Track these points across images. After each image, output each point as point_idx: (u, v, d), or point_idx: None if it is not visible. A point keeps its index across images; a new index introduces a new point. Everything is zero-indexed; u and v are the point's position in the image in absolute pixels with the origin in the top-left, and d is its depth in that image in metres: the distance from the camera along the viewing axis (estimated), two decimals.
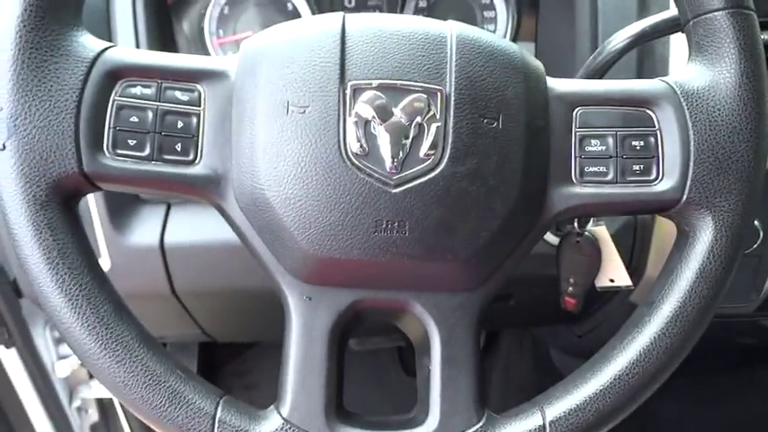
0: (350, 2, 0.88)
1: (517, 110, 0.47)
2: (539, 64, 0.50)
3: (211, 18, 0.86)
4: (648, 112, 0.49)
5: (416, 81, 0.45)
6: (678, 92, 0.48)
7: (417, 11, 0.89)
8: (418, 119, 0.45)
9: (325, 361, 0.46)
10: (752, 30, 0.47)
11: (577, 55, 0.76)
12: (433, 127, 0.45)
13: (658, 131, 0.48)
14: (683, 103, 0.48)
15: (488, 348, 1.40)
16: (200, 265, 0.78)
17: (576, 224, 0.64)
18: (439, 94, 0.45)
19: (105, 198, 0.74)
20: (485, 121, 0.46)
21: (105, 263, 0.76)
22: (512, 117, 0.46)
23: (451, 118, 0.45)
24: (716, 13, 0.47)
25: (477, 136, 0.45)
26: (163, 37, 0.81)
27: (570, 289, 0.64)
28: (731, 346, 0.99)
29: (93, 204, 0.74)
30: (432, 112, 0.45)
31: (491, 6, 0.88)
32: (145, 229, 0.76)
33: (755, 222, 0.69)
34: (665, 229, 0.73)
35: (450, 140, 0.45)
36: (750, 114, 0.47)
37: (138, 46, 0.76)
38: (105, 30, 0.76)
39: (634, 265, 0.77)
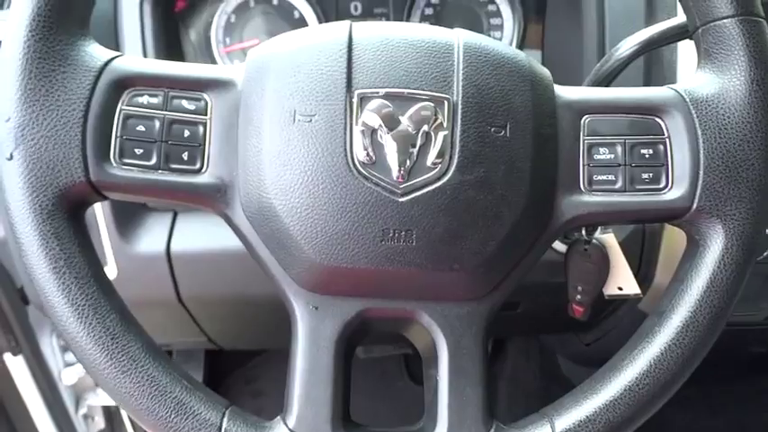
0: (356, 9, 0.88)
1: (525, 118, 0.46)
2: (546, 72, 0.50)
3: (218, 26, 0.86)
4: (657, 119, 0.48)
5: (423, 89, 0.45)
6: (687, 99, 0.48)
7: (423, 18, 0.89)
8: (425, 127, 0.45)
9: (331, 371, 0.46)
10: (761, 37, 0.47)
11: (584, 62, 0.76)
12: (440, 135, 0.45)
13: (667, 139, 0.48)
14: (693, 111, 0.47)
15: (495, 356, 1.39)
16: (207, 273, 0.78)
17: (583, 232, 0.63)
18: (446, 102, 0.45)
19: (112, 206, 0.74)
20: (492, 129, 0.45)
21: (112, 271, 0.76)
22: (519, 125, 0.46)
23: (459, 126, 0.45)
24: (725, 21, 0.47)
25: (484, 144, 0.45)
26: (170, 45, 0.81)
27: (578, 297, 0.64)
28: (742, 355, 0.98)
29: (99, 212, 0.74)
30: (439, 121, 0.45)
31: (497, 14, 0.88)
32: (151, 237, 0.76)
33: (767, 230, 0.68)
34: (673, 236, 0.72)
35: (457, 149, 0.45)
36: (760, 122, 0.47)
37: (145, 54, 0.76)
38: (113, 38, 0.76)
39: (643, 273, 0.76)
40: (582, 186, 0.48)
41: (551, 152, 0.47)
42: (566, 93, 0.49)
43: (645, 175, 0.48)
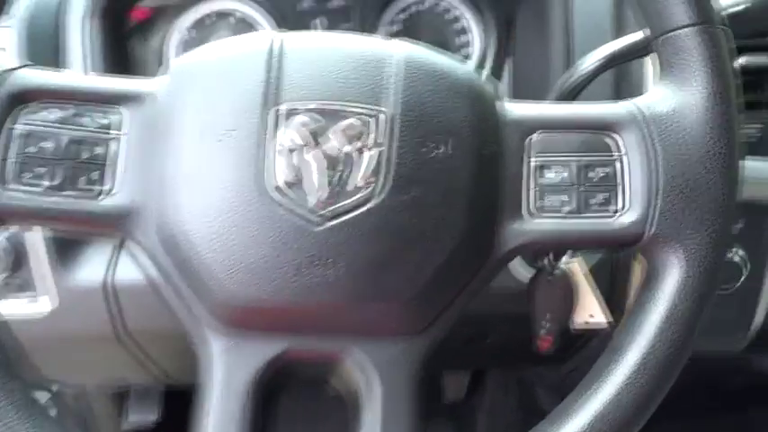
0: (316, 27, 0.85)
1: (466, 135, 0.42)
2: (492, 86, 0.46)
3: (175, 42, 0.83)
4: (611, 137, 0.44)
5: (355, 103, 0.41)
6: (644, 116, 0.44)
7: (391, 36, 0.86)
8: (356, 144, 0.41)
9: (246, 420, 0.41)
10: (721, 47, 0.43)
11: (552, 76, 0.73)
12: (372, 153, 0.41)
13: (621, 159, 0.44)
14: (650, 128, 0.43)
15: (474, 389, 1.35)
16: (155, 304, 0.73)
17: (549, 258, 0.59)
18: (380, 117, 0.41)
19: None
20: (430, 147, 0.41)
21: (51, 302, 0.71)
22: (460, 143, 0.42)
23: (394, 143, 0.41)
24: (682, 30, 0.43)
25: (421, 163, 0.41)
26: (118, 63, 0.77)
27: (543, 329, 0.59)
28: (721, 387, 0.94)
29: (38, 237, 0.69)
30: (371, 137, 0.41)
31: (466, 31, 0.86)
32: (95, 266, 0.71)
33: (741, 255, 0.64)
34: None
35: (392, 168, 0.41)
36: (719, 140, 0.43)
37: (92, 71, 0.73)
38: (55, 58, 0.73)
39: (615, 301, 0.72)
40: (528, 210, 0.44)
41: (494, 173, 0.43)
42: (513, 109, 0.46)
43: (597, 198, 0.44)
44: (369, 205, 0.40)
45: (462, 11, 0.86)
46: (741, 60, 0.64)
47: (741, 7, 0.50)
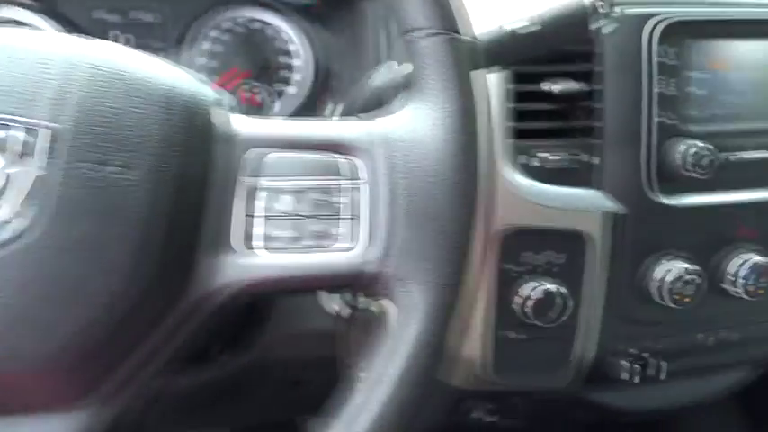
0: (117, 39, 0.76)
1: (161, 153, 0.35)
2: (205, 96, 0.39)
3: None
4: (343, 160, 0.38)
5: (5, 114, 0.33)
6: (385, 137, 0.38)
7: (204, 54, 0.79)
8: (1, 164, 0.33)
9: None
10: (459, 62, 0.38)
11: None
12: (27, 177, 0.33)
13: (352, 185, 0.38)
14: (389, 151, 0.38)
15: None
16: None
17: (354, 295, 0.53)
18: (39, 131, 0.33)
19: None
20: (109, 169, 0.34)
21: None
22: (151, 163, 0.35)
23: (57, 164, 0.33)
24: (418, 35, 0.38)
25: (94, 190, 0.33)
26: None
27: (358, 374, 0.53)
28: (562, 422, 0.92)
29: None
30: (25, 156, 0.33)
31: (290, 52, 0.80)
32: None
33: (562, 292, 0.61)
34: None
35: (51, 196, 0.33)
36: (453, 166, 0.38)
37: None
38: None
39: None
40: (238, 243, 0.37)
41: (195, 199, 0.36)
42: (236, 124, 0.39)
43: (320, 229, 0.38)
44: (15, 245, 0.32)
45: (287, 31, 0.81)
46: (553, 87, 0.62)
47: (532, 28, 0.45)
